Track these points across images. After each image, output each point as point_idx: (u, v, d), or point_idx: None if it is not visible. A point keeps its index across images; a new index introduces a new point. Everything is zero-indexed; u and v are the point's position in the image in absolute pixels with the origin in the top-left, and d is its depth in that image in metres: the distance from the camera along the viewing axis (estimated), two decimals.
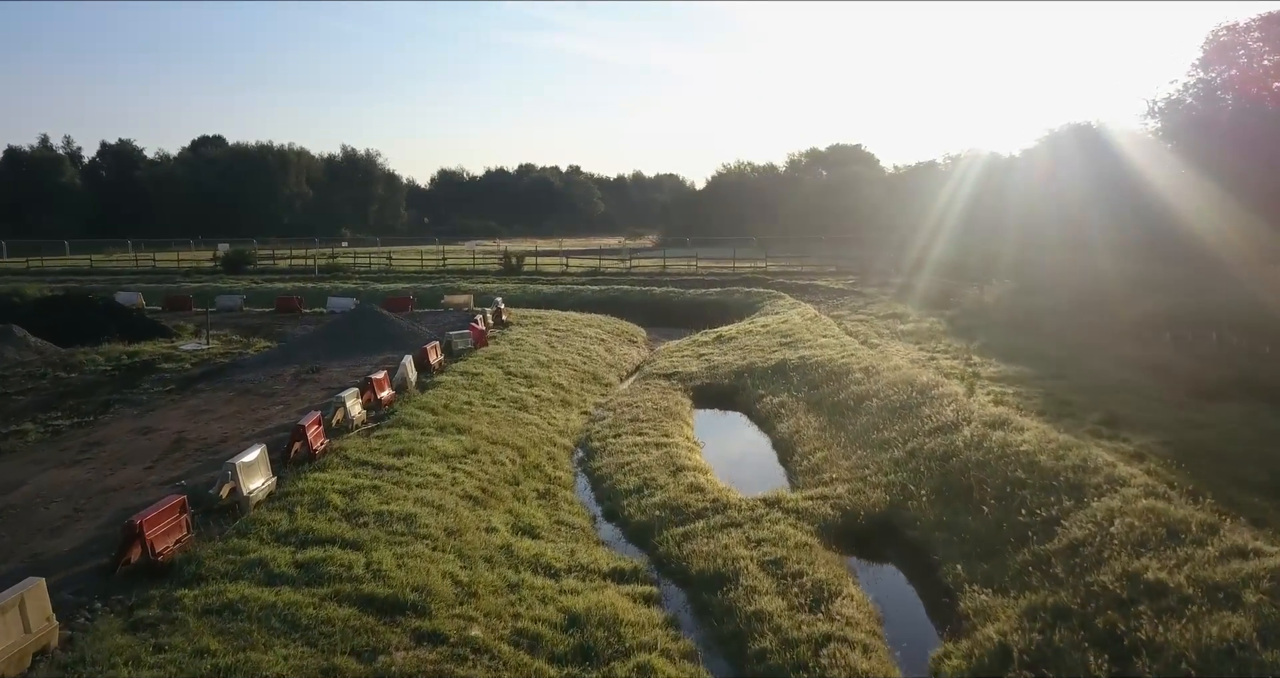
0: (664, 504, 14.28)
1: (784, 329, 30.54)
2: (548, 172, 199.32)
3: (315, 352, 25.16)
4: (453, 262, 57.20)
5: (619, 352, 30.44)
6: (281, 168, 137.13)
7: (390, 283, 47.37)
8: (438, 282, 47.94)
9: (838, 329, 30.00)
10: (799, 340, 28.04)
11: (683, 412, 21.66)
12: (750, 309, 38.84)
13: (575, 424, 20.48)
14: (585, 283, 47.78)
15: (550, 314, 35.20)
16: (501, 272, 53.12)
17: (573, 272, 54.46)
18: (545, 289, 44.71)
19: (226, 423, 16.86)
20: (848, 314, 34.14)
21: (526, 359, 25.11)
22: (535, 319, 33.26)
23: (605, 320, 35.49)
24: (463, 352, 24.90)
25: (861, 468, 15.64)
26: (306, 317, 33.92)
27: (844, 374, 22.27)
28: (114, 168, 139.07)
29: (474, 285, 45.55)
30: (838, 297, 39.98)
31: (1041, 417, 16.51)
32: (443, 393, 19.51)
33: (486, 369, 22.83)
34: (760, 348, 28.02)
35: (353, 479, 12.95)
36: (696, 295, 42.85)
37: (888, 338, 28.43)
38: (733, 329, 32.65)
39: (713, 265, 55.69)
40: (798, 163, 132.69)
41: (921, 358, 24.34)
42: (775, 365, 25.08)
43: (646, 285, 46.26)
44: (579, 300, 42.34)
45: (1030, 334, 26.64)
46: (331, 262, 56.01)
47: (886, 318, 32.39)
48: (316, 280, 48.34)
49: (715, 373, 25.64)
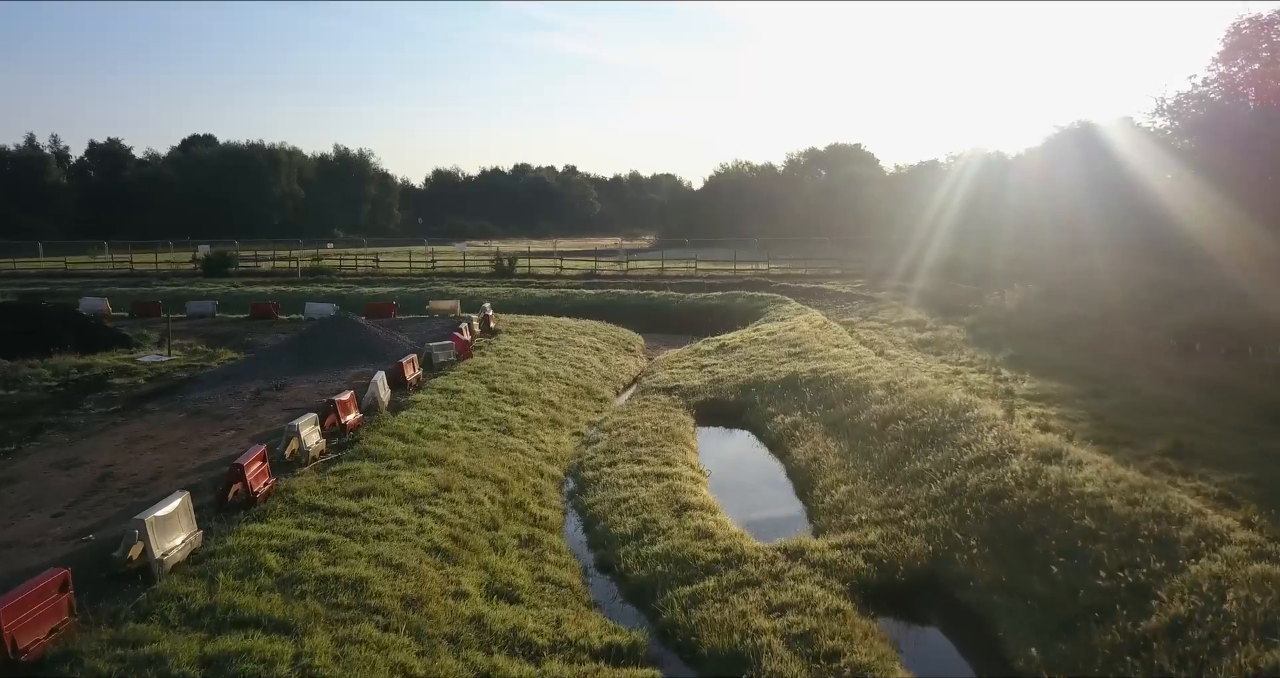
0: (667, 555, 12.19)
1: (792, 338, 28.47)
2: (543, 172, 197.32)
3: (283, 365, 23.05)
4: (443, 264, 55.11)
5: (615, 362, 28.35)
6: (272, 167, 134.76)
7: (375, 287, 45.24)
8: (425, 285, 45.81)
9: (850, 338, 27.93)
10: (809, 351, 25.97)
11: (685, 433, 19.56)
12: (754, 315, 36.78)
13: (566, 448, 18.38)
14: (580, 286, 45.70)
15: (542, 320, 33.11)
16: (493, 274, 51.02)
17: (567, 274, 52.36)
18: (538, 293, 42.62)
19: (166, 453, 14.75)
20: (859, 321, 32.07)
21: (514, 373, 23.01)
22: (526, 326, 31.17)
23: (600, 327, 33.43)
24: (444, 365, 22.79)
25: (894, 507, 13.57)
26: (282, 324, 31.78)
27: (863, 391, 20.20)
28: (102, 168, 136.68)
29: (463, 289, 43.44)
30: (846, 301, 37.93)
31: (1097, 446, 14.47)
32: (417, 415, 17.41)
33: (469, 385, 20.73)
34: (767, 359, 25.95)
35: (296, 531, 10.85)
36: (696, 300, 40.79)
37: (905, 348, 26.37)
38: (736, 337, 30.59)
39: (712, 268, 53.65)
40: (796, 163, 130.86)
41: (946, 372, 22.28)
42: (785, 379, 23.02)
43: (644, 289, 44.21)
44: (573, 305, 40.25)
45: (1061, 345, 24.59)
46: (316, 264, 53.87)
47: (901, 325, 30.34)
48: (299, 284, 46.18)
49: (719, 387, 23.56)
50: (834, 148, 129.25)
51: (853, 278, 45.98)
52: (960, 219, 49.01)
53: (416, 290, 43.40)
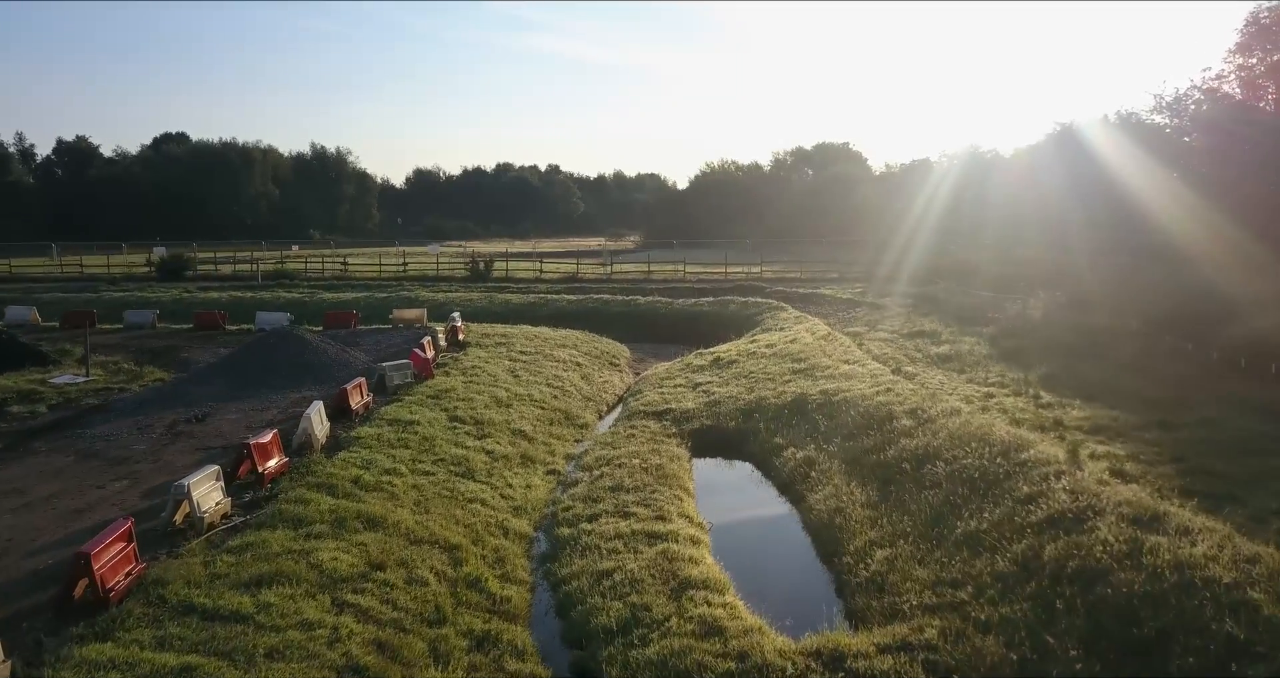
0: (665, 662, 9.25)
1: (794, 351, 25.61)
2: (526, 171, 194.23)
3: (214, 388, 19.95)
4: (415, 267, 51.97)
5: (598, 379, 25.40)
6: (245, 166, 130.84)
7: (340, 292, 42.06)
8: (394, 290, 42.67)
9: (859, 352, 25.09)
10: (816, 367, 23.10)
11: (679, 471, 16.61)
12: (749, 323, 33.91)
13: (539, 494, 15.40)
14: (561, 291, 42.70)
15: (518, 331, 30.10)
16: (468, 278, 47.90)
17: (547, 278, 49.34)
18: (515, 299, 39.59)
19: (23, 518, 11.66)
20: (865, 331, 29.25)
21: (481, 396, 19.99)
22: (499, 338, 28.15)
23: (582, 338, 30.45)
24: (400, 388, 19.75)
25: (952, 586, 10.68)
26: (229, 336, 28.63)
27: (886, 419, 17.34)
28: (69, 166, 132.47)
29: (434, 295, 40.35)
30: (848, 309, 35.12)
31: (1190, 499, 11.67)
32: (358, 456, 14.41)
33: (426, 414, 17.71)
34: (769, 376, 23.07)
35: (153, 655, 7.84)
36: (686, 306, 37.87)
37: (923, 364, 23.57)
38: (732, 349, 27.71)
39: (702, 271, 50.76)
40: (783, 162, 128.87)
41: (977, 395, 19.48)
42: (792, 402, 20.13)
43: (630, 294, 41.25)
44: (553, 312, 37.27)
45: (1101, 362, 21.86)
46: (280, 267, 50.57)
47: (914, 337, 27.53)
48: (258, 289, 42.93)
49: (717, 411, 20.64)
50: (821, 147, 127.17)
51: (852, 282, 43.20)
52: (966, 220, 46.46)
53: (384, 296, 40.30)
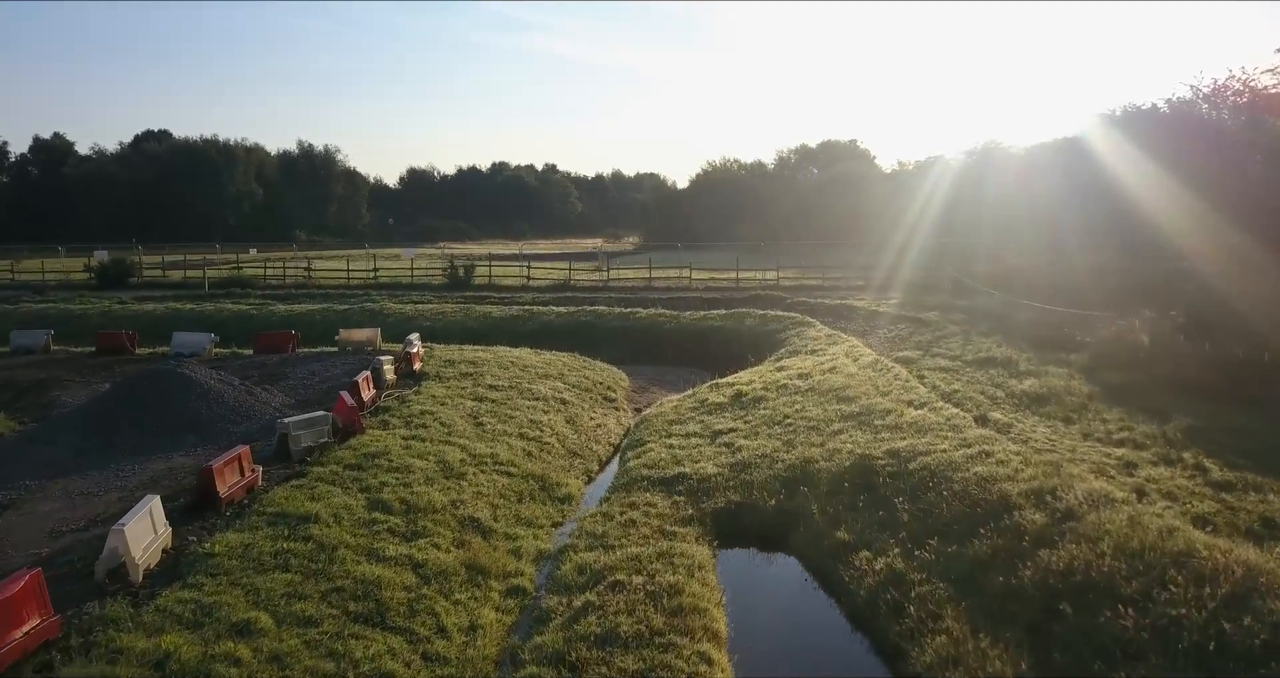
0: None
1: (837, 385, 20.16)
2: (522, 170, 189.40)
3: (56, 449, 14.51)
4: (388, 273, 46.46)
5: (588, 422, 19.93)
6: (227, 164, 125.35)
7: (296, 303, 36.57)
8: (359, 301, 37.21)
9: (922, 388, 19.61)
10: (872, 411, 17.63)
11: (702, 595, 11.07)
12: (771, 342, 28.47)
13: (485, 647, 9.87)
14: (549, 301, 37.23)
15: (492, 355, 24.62)
16: (446, 286, 42.42)
17: (535, 285, 43.85)
18: (496, 312, 34.09)
19: None
20: (919, 357, 23.76)
21: (425, 463, 14.50)
22: (467, 366, 22.67)
23: (570, 364, 25.02)
24: (312, 453, 14.25)
25: None
26: (134, 362, 23.16)
27: (1000, 508, 11.89)
28: (43, 165, 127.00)
29: (401, 306, 34.87)
30: (887, 325, 29.64)
31: None
32: (191, 601, 8.94)
33: (336, 500, 12.24)
34: (811, 423, 17.61)
35: None
36: (695, 321, 32.36)
37: (1010, 408, 18.12)
38: (755, 380, 22.26)
39: (709, 277, 45.28)
40: (787, 160, 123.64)
41: (1108, 462, 14.05)
42: (852, 468, 14.67)
43: (628, 304, 35.78)
44: (539, 328, 31.82)
45: (1259, 412, 16.42)
46: (236, 273, 45.13)
47: (984, 366, 22.07)
48: (204, 299, 37.49)
49: (747, 479, 15.13)
50: (827, 145, 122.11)
51: (882, 291, 37.70)
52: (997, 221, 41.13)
53: (344, 309, 34.83)
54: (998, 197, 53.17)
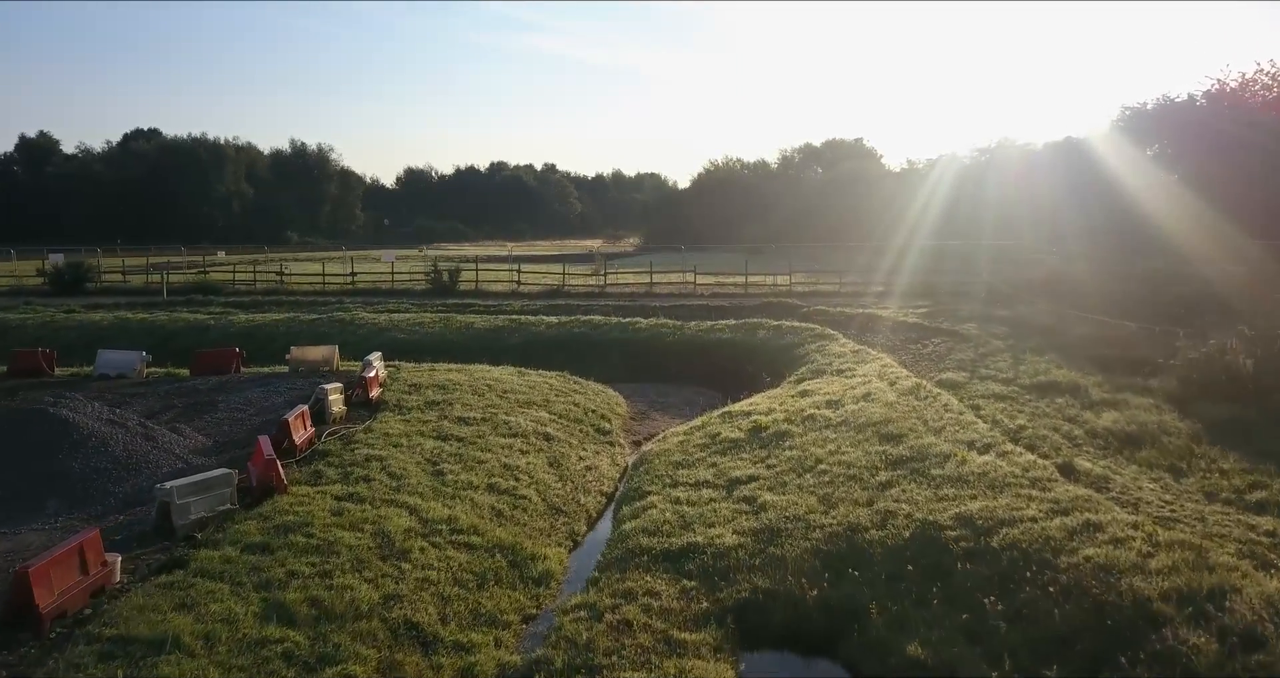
0: None
1: (876, 416, 16.73)
2: (521, 170, 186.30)
3: None
4: (367, 278, 43.01)
5: (576, 464, 16.50)
6: (216, 163, 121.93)
7: (261, 312, 33.18)
8: (331, 309, 33.80)
9: (980, 422, 16.18)
10: (926, 455, 14.21)
11: None
12: (789, 358, 25.07)
13: None
14: (540, 309, 33.81)
15: (468, 377, 21.23)
16: (429, 292, 39.02)
17: (526, 291, 40.41)
18: (479, 322, 30.65)
19: None
20: (967, 380, 20.28)
21: (356, 537, 11.05)
22: (435, 391, 19.25)
23: (559, 386, 21.62)
24: (206, 523, 10.82)
25: None
26: (40, 389, 19.71)
27: (1140, 619, 8.54)
28: (27, 164, 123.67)
29: (375, 316, 31.44)
30: (919, 338, 26.19)
31: None
32: None
33: (217, 603, 8.80)
34: (850, 468, 14.18)
35: None
36: (701, 332, 28.92)
37: (1095, 451, 14.70)
38: (776, 407, 18.82)
39: (715, 281, 41.85)
40: (790, 159, 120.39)
41: (1259, 539, 10.64)
42: (916, 541, 11.26)
43: (628, 313, 32.35)
44: (526, 340, 28.43)
45: None
46: (202, 278, 41.75)
47: (1046, 392, 18.61)
48: (160, 307, 34.10)
49: (775, 555, 11.63)
50: (831, 143, 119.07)
51: (908, 298, 34.24)
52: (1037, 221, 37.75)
53: (313, 318, 31.39)
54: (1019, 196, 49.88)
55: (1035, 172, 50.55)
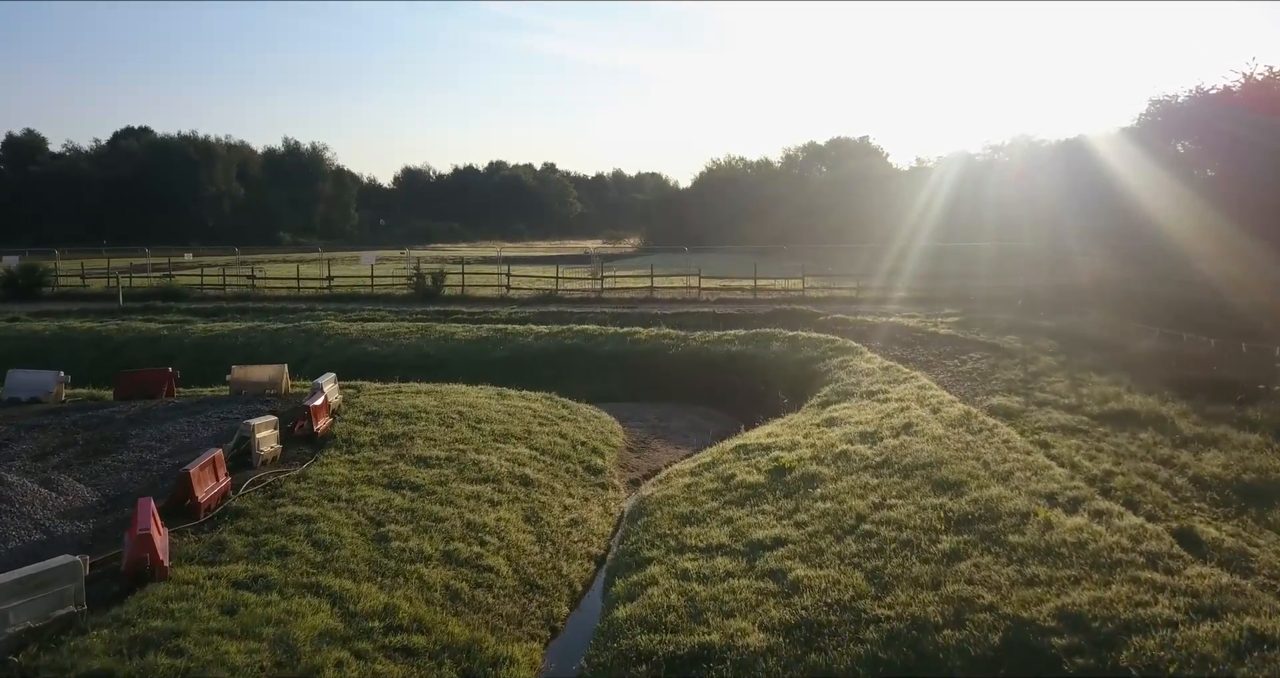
0: None
1: (923, 456, 13.72)
2: (520, 169, 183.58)
3: None
4: (345, 282, 39.94)
5: (558, 516, 13.47)
6: (206, 162, 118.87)
7: (221, 321, 30.16)
8: (301, 317, 30.82)
9: (1055, 465, 13.18)
10: (995, 511, 11.20)
11: None
12: (809, 376, 22.09)
13: None
14: (530, 317, 30.81)
15: (440, 400, 18.23)
16: (411, 297, 36.05)
17: (516, 296, 37.40)
18: (461, 332, 27.63)
19: None
20: (1022, 406, 17.24)
21: (246, 652, 8.06)
22: (397, 421, 16.24)
23: (544, 411, 18.63)
24: (32, 637, 7.85)
25: None
26: None
27: None
28: (12, 162, 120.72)
29: (347, 326, 28.44)
30: (955, 352, 23.17)
31: None
32: None
33: None
34: (901, 529, 11.16)
35: None
36: (708, 344, 25.90)
37: (1211, 508, 11.70)
38: (800, 439, 15.81)
39: (720, 285, 38.87)
40: (794, 158, 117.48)
41: None
42: (1009, 651, 8.26)
43: (626, 321, 29.39)
44: (512, 354, 25.48)
45: None
46: (167, 282, 38.79)
47: (1120, 422, 15.61)
48: (110, 315, 31.12)
49: (816, 664, 8.62)
50: (836, 142, 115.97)
51: (932, 305, 31.21)
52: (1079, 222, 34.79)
53: (278, 328, 28.40)
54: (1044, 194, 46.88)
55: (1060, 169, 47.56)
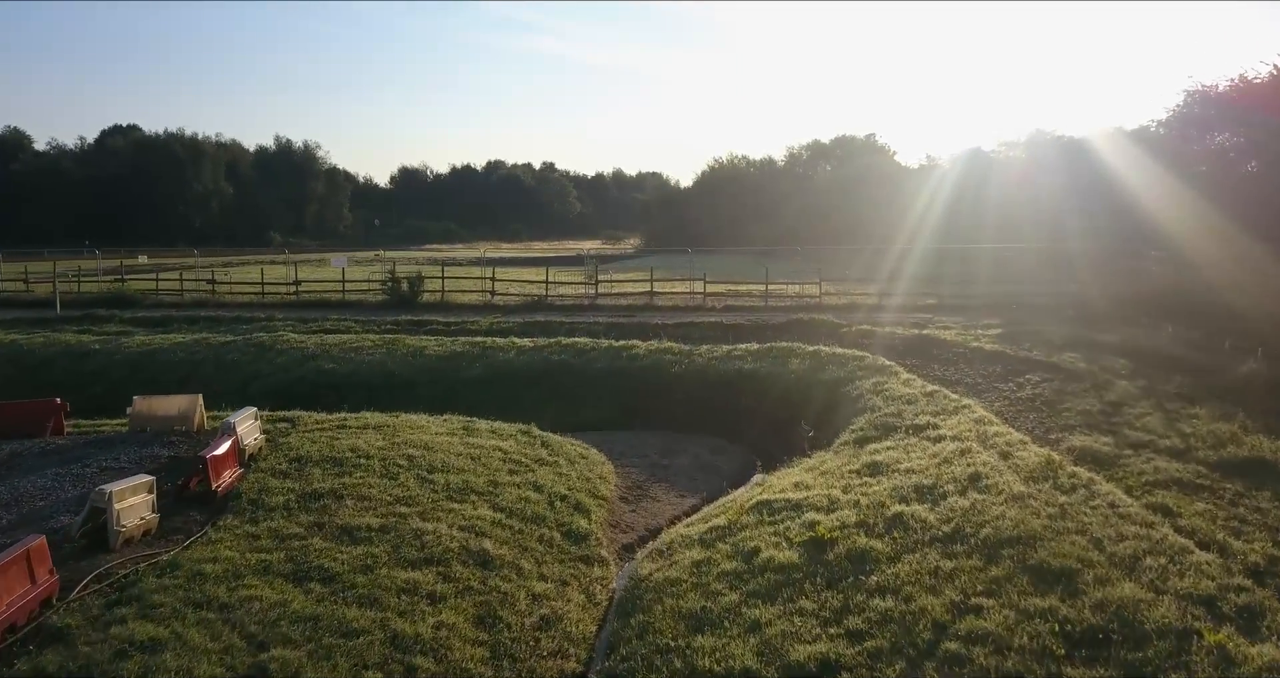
0: None
1: (1005, 526, 10.26)
2: (518, 169, 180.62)
3: None
4: (314, 287, 36.45)
5: (524, 618, 9.95)
6: (194, 160, 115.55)
7: (163, 333, 26.71)
8: (255, 326, 27.38)
9: (1197, 551, 9.75)
10: (1135, 626, 7.76)
11: None
12: (836, 401, 18.61)
13: None
14: (514, 327, 27.34)
15: (390, 438, 14.79)
16: (384, 304, 32.61)
17: (502, 302, 33.91)
18: (433, 346, 24.12)
19: None
20: (1112, 449, 13.73)
21: None
22: (328, 471, 12.78)
23: (517, 452, 15.12)
24: None
25: None
26: None
27: None
28: None
29: (305, 338, 24.94)
30: (1010, 375, 19.63)
31: None
32: None
33: None
34: (1002, 657, 7.73)
35: None
36: (716, 360, 22.40)
37: None
38: (838, 494, 12.32)
39: (727, 290, 35.41)
40: (798, 157, 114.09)
41: None
42: None
43: (622, 333, 25.96)
44: (488, 374, 22.02)
45: None
46: (118, 287, 35.38)
47: (1252, 476, 12.11)
48: (48, 324, 27.69)
49: None
50: (841, 140, 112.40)
51: (973, 314, 27.70)
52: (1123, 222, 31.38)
53: (226, 340, 24.93)
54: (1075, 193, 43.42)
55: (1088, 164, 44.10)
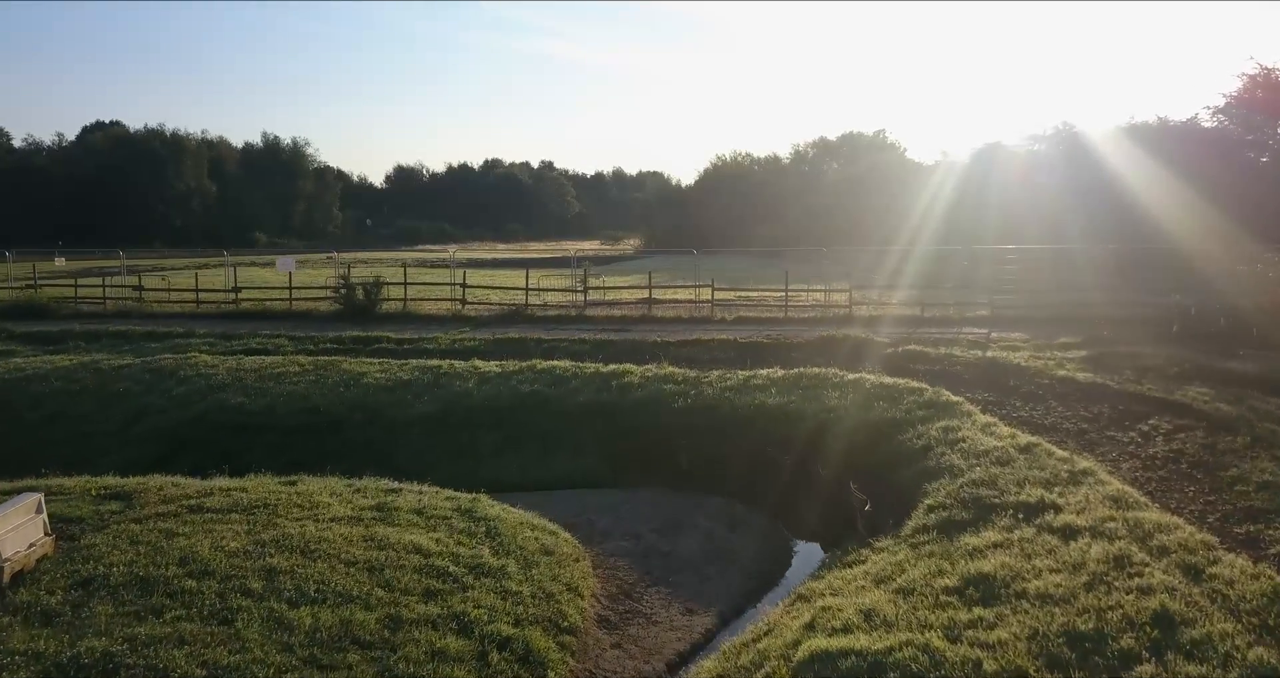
0: None
1: None
2: (516, 168, 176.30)
3: None
4: (255, 294, 31.42)
5: None
6: (174, 157, 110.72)
7: (62, 354, 21.98)
8: (166, 344, 22.62)
9: None
10: None
11: None
12: (892, 453, 13.76)
13: None
14: (483, 345, 22.47)
15: (250, 532, 9.99)
16: (337, 315, 27.78)
17: (473, 312, 29.04)
18: (375, 372, 19.15)
19: None
20: None
21: None
22: (123, 607, 7.91)
23: (449, 552, 10.27)
24: None
25: None
26: None
27: None
28: None
29: (220, 359, 19.97)
30: (1121, 416, 14.79)
31: None
32: None
33: None
34: None
35: None
36: (729, 392, 17.49)
37: None
38: (938, 646, 7.54)
39: (736, 296, 30.54)
40: (804, 155, 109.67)
41: None
42: None
43: (613, 354, 21.13)
44: (442, 409, 17.16)
45: None
46: (30, 296, 30.67)
47: None
48: None
49: None
50: (849, 137, 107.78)
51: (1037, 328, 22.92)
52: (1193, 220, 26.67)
53: (123, 363, 20.07)
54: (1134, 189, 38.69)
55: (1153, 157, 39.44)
